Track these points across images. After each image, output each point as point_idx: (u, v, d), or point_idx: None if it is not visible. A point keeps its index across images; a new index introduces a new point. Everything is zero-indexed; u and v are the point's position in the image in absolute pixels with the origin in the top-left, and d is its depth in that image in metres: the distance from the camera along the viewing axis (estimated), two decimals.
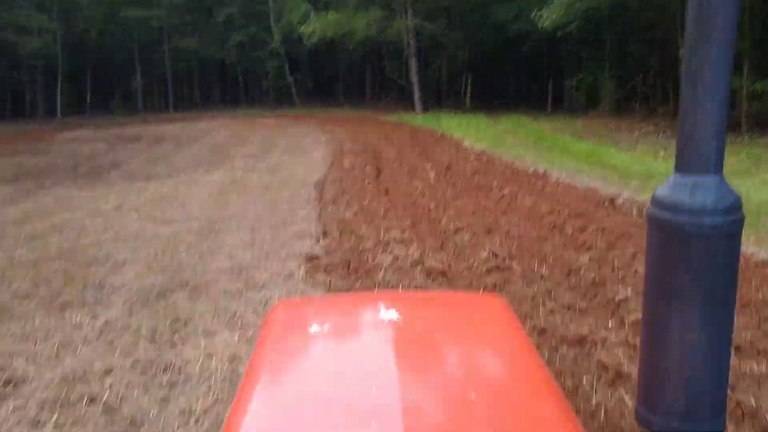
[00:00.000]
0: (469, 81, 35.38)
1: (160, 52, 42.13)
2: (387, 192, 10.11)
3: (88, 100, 41.00)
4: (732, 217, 1.64)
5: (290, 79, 41.24)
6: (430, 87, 35.74)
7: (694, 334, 1.63)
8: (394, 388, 1.51)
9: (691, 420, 1.69)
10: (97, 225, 8.24)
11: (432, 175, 11.74)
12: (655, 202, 1.79)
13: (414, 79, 31.59)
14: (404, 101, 36.81)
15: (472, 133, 19.81)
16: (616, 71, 28.47)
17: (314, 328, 1.95)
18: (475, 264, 5.93)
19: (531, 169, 11.95)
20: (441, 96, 37.35)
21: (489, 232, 7.20)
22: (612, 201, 8.84)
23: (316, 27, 31.44)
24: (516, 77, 45.70)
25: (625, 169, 11.67)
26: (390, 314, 1.90)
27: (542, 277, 5.54)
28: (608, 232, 7.02)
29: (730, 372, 1.96)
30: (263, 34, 40.44)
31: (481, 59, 40.00)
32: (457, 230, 7.17)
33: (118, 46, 42.50)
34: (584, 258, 6.05)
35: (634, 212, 8.07)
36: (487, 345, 1.81)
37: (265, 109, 40.64)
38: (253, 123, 29.54)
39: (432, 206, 8.68)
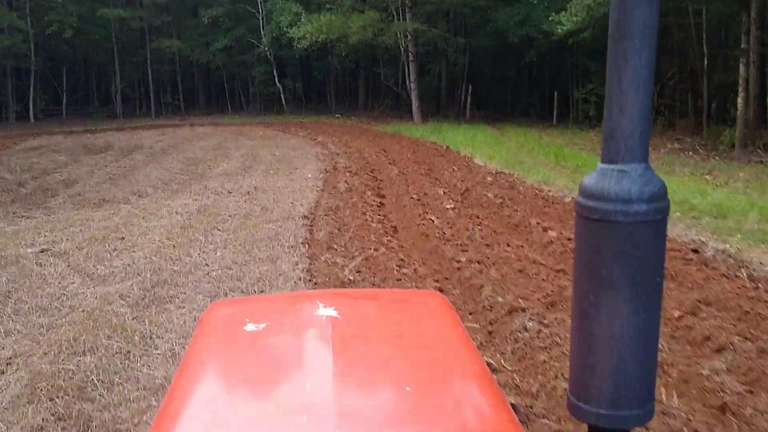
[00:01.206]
0: (470, 90, 33.24)
1: (140, 55, 39.73)
2: (395, 231, 7.91)
3: (64, 104, 38.51)
4: (657, 205, 1.58)
5: (279, 85, 38.97)
6: (427, 95, 33.51)
7: (622, 322, 1.60)
8: (328, 384, 1.47)
9: (620, 407, 1.66)
10: None
11: (448, 205, 9.53)
12: (582, 190, 1.66)
13: (412, 86, 29.40)
14: (400, 110, 34.66)
15: (481, 147, 17.65)
16: None
17: (249, 327, 1.79)
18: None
19: (568, 198, 9.77)
20: (439, 105, 35.17)
21: (553, 307, 5.00)
22: (696, 252, 6.66)
23: (307, 30, 29.22)
24: (516, 86, 43.69)
25: (682, 201, 9.49)
26: (327, 312, 1.83)
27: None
28: (730, 311, 4.84)
29: None
30: (251, 37, 38.18)
31: (480, 67, 37.92)
32: (511, 310, 4.90)
33: (95, 47, 40.10)
34: (721, 373, 3.83)
35: (743, 275, 5.85)
36: (424, 341, 1.78)
37: (252, 116, 38.36)
38: (237, 132, 27.26)
39: (462, 258, 6.44)
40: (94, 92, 42.06)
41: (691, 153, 17.84)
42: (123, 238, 7.62)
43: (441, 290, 5.41)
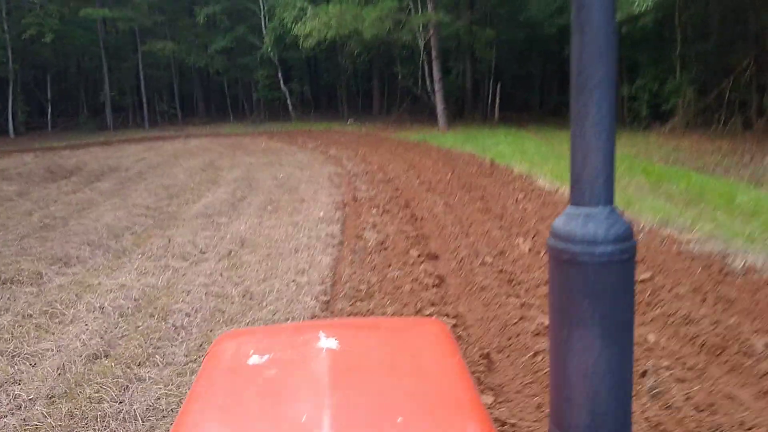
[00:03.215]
0: (498, 89, 29.38)
1: (132, 60, 36.16)
2: (490, 365, 4.13)
3: (50, 116, 34.96)
4: (623, 246, 1.64)
5: (284, 89, 35.25)
6: (450, 96, 29.64)
7: (595, 357, 1.64)
8: (324, 417, 1.53)
9: None
10: None
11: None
12: (553, 232, 1.74)
13: (436, 87, 25.57)
14: (420, 114, 30.88)
15: (535, 161, 13.87)
16: (694, 75, 22.44)
17: (253, 360, 1.85)
18: None
19: (737, 263, 5.96)
20: (464, 106, 31.31)
21: None
22: None
23: (313, 26, 25.49)
24: (543, 84, 39.82)
25: None
26: (329, 343, 1.88)
27: None
28: None
29: None
30: (252, 37, 34.49)
31: (506, 63, 34.04)
32: None
33: (81, 52, 36.60)
34: None
35: None
36: (420, 371, 1.80)
37: (255, 124, 34.72)
38: (236, 145, 23.57)
39: None
40: (83, 102, 38.45)
41: None
42: None
43: None
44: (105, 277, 6.52)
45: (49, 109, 34.82)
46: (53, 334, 5.01)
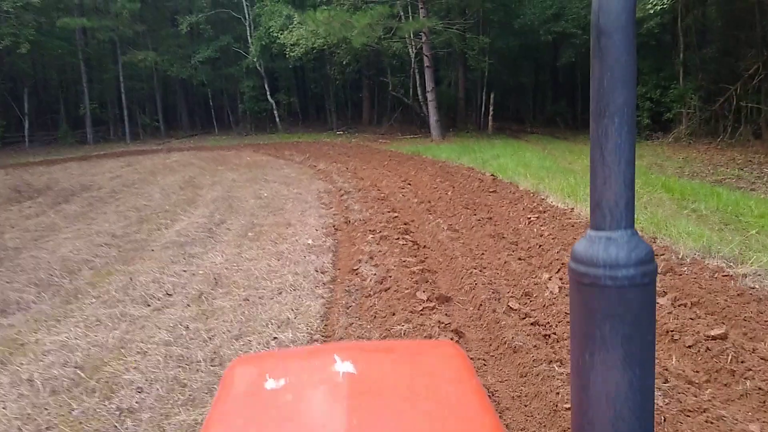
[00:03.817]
0: (492, 98, 28.34)
1: (112, 71, 34.87)
2: None
3: (27, 130, 33.59)
4: (644, 269, 1.63)
5: (271, 100, 34.07)
6: (441, 106, 28.54)
7: (617, 379, 1.64)
8: None
9: None
10: None
11: None
12: (574, 256, 1.70)
13: (429, 96, 24.48)
14: (411, 124, 29.82)
15: (540, 176, 12.79)
16: (699, 82, 21.48)
17: (269, 384, 1.82)
18: None
19: None
20: (456, 116, 30.24)
21: None
22: None
23: (300, 34, 24.39)
24: (537, 93, 38.87)
25: None
26: (344, 367, 1.84)
27: None
28: None
29: None
30: (237, 47, 33.33)
31: (499, 71, 33.02)
32: None
33: (60, 63, 35.28)
34: None
35: None
36: (437, 395, 1.76)
37: (241, 136, 33.52)
38: (219, 159, 22.38)
39: None
40: (63, 115, 37.08)
41: None
42: None
43: None
44: (45, 332, 5.33)
45: (27, 123, 33.46)
46: None
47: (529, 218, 9.21)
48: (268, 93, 33.84)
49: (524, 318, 5.02)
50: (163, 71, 35.01)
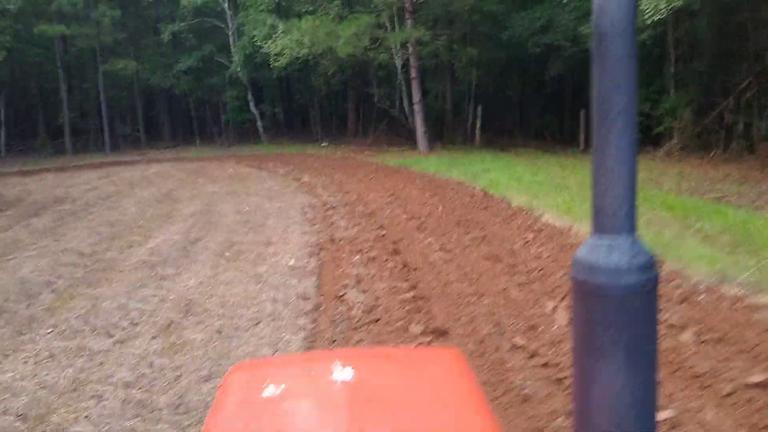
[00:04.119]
0: (479, 110, 27.89)
1: (92, 80, 34.08)
2: None
3: (3, 140, 32.70)
4: (646, 275, 1.62)
5: (255, 111, 33.43)
6: (428, 118, 28.00)
7: (619, 388, 1.62)
8: None
9: None
10: None
11: None
12: (575, 263, 1.70)
13: (416, 108, 23.99)
14: (398, 136, 29.30)
15: (534, 192, 12.28)
16: (692, 95, 21.14)
17: (268, 391, 1.79)
18: None
19: None
20: (442, 129, 29.75)
21: None
22: None
23: (285, 44, 23.83)
24: (523, 105, 38.49)
25: None
26: (344, 374, 1.82)
27: None
28: None
29: None
30: (220, 57, 32.72)
31: (486, 84, 32.58)
32: None
33: (38, 71, 34.46)
34: None
35: None
36: (439, 402, 1.74)
37: (224, 148, 32.82)
38: (200, 171, 21.71)
39: None
40: (41, 124, 36.20)
41: None
42: None
43: None
44: None
45: (3, 132, 32.56)
46: None
47: (525, 238, 8.69)
48: (251, 103, 33.21)
49: (532, 357, 4.46)
50: (145, 80, 34.28)
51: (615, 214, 1.63)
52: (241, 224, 10.73)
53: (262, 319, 5.61)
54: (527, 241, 8.48)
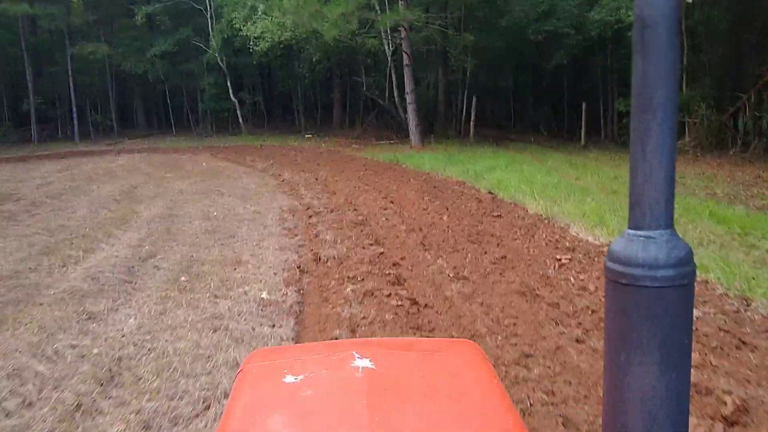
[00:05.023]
0: (473, 102, 26.11)
1: (60, 64, 31.88)
2: None
3: None
4: (683, 269, 1.58)
5: (234, 99, 31.44)
6: (419, 110, 26.20)
7: (652, 382, 1.59)
8: None
9: None
10: None
11: None
12: (611, 255, 1.66)
13: (408, 99, 22.18)
14: (387, 128, 27.50)
15: (548, 195, 10.63)
16: (707, 89, 19.51)
17: (287, 379, 1.73)
18: None
19: None
20: (434, 121, 27.96)
21: None
22: None
23: (266, 26, 21.89)
24: (517, 97, 36.77)
25: None
26: (363, 363, 1.76)
27: None
28: None
29: None
30: (197, 41, 30.67)
31: (479, 74, 30.80)
32: None
33: (1, 54, 32.18)
34: None
35: None
36: (458, 394, 1.71)
37: (200, 138, 30.89)
38: (170, 164, 19.81)
39: None
40: (5, 111, 33.93)
41: None
42: None
43: None
44: None
45: None
46: None
47: (559, 259, 6.95)
48: (230, 91, 31.23)
49: None
50: (117, 65, 32.14)
51: (653, 208, 1.57)
52: (206, 234, 8.89)
53: (213, 401, 3.82)
54: (562, 264, 6.75)
